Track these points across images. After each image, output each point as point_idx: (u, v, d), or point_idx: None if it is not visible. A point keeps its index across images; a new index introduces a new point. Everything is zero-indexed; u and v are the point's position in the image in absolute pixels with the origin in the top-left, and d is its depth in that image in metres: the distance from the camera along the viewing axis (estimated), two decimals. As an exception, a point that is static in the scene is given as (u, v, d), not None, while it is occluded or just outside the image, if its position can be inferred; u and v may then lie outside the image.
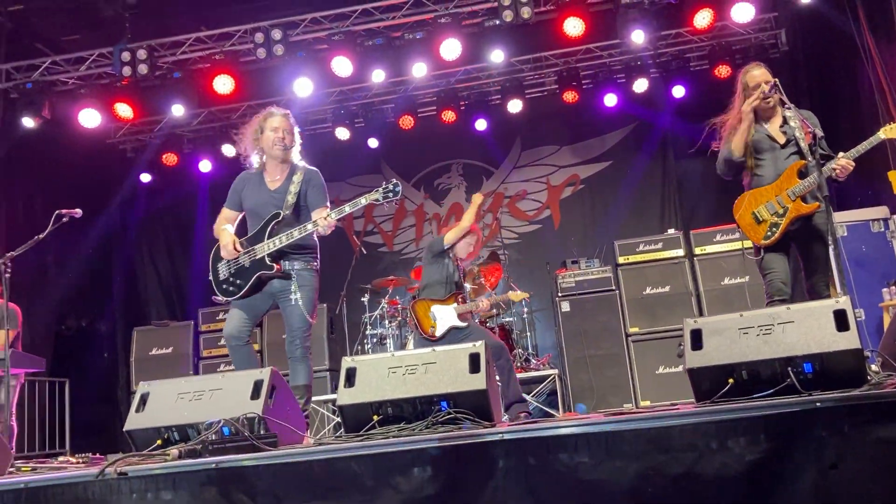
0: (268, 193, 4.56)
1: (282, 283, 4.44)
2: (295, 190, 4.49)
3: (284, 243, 4.38)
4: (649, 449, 2.67)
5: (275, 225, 4.46)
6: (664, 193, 9.95)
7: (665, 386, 7.70)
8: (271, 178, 4.61)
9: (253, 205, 4.59)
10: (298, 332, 4.44)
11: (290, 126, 4.60)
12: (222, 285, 4.53)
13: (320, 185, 4.63)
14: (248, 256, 4.45)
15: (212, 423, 3.26)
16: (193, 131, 10.29)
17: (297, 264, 4.46)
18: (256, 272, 4.42)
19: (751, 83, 4.59)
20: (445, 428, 3.26)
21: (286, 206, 4.45)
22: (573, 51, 9.38)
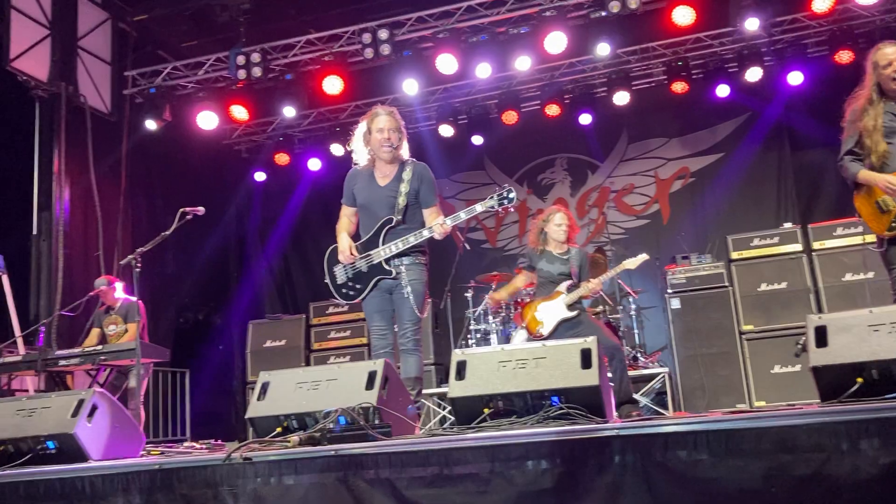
0: (378, 190, 4.62)
1: (393, 281, 4.54)
2: (405, 189, 4.53)
3: (400, 249, 4.47)
4: (773, 448, 2.57)
5: (388, 230, 4.53)
6: (780, 185, 9.54)
7: (781, 386, 7.40)
8: (381, 175, 4.65)
9: (364, 201, 4.65)
10: (409, 326, 4.52)
11: (396, 124, 4.62)
12: (341, 289, 4.65)
13: (431, 181, 4.67)
14: (365, 261, 4.55)
15: (329, 412, 3.36)
16: (304, 131, 10.62)
17: (407, 260, 4.52)
18: (375, 277, 4.54)
19: (881, 62, 4.30)
20: (557, 423, 3.25)
21: (397, 211, 4.51)
22: (682, 40, 9.12)
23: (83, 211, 8.33)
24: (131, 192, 9.06)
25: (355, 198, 4.72)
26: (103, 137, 8.68)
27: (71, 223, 8.09)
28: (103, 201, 8.42)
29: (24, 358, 6.14)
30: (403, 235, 4.49)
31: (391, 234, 4.52)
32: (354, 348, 9.12)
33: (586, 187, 10.47)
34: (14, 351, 6.68)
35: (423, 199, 4.61)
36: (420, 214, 4.61)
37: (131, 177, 9.05)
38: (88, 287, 7.42)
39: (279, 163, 10.55)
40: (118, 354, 5.93)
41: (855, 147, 4.37)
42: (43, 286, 7.75)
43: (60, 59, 8.23)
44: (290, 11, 9.25)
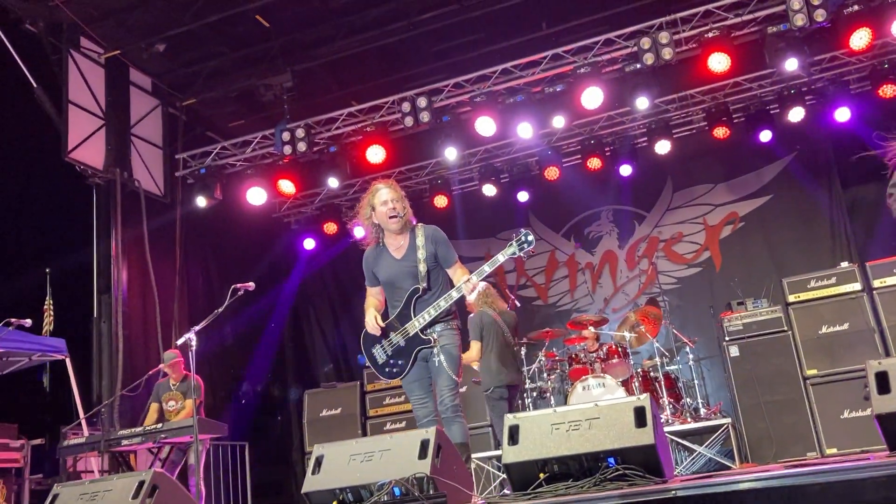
0: (397, 264, 4.57)
1: (428, 349, 4.49)
2: (423, 256, 4.49)
3: (434, 316, 4.42)
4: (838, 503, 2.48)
5: (417, 300, 4.48)
6: (833, 224, 9.33)
7: (853, 432, 7.11)
8: (394, 248, 4.61)
9: (386, 277, 4.61)
10: (447, 392, 4.43)
11: (398, 195, 4.58)
12: (384, 369, 4.59)
13: (445, 240, 4.61)
14: (401, 336, 4.51)
15: (383, 484, 3.35)
16: (350, 200, 10.82)
17: (438, 327, 4.47)
18: (415, 349, 4.49)
19: None
20: (614, 485, 3.18)
21: (421, 279, 4.47)
22: (720, 85, 9.10)
23: (141, 292, 8.58)
24: (186, 270, 9.31)
25: (377, 277, 4.69)
26: (157, 219, 9.00)
27: (129, 304, 8.33)
28: (159, 281, 8.66)
29: (87, 440, 6.29)
30: (432, 302, 4.46)
31: (420, 303, 4.48)
32: (410, 413, 9.06)
33: (634, 238, 10.39)
34: (79, 433, 6.84)
35: (442, 260, 4.56)
36: (443, 276, 4.57)
37: (185, 255, 9.32)
38: (148, 366, 7.59)
39: (328, 232, 10.74)
40: (177, 432, 6.03)
41: None
42: (104, 367, 7.95)
43: (115, 147, 8.61)
44: (332, 86, 9.56)
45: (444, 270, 4.56)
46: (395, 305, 4.59)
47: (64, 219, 8.60)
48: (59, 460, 6.45)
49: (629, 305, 9.97)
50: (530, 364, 8.29)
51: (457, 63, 8.84)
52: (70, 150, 8.08)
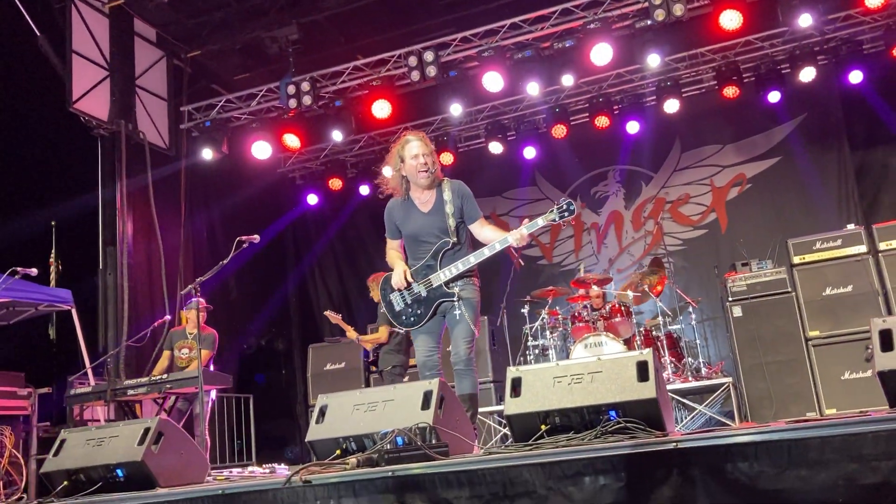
0: (424, 217, 4.55)
1: (449, 302, 4.47)
2: (451, 211, 4.46)
3: (462, 269, 4.40)
4: (838, 457, 2.50)
5: (446, 252, 4.46)
6: (840, 187, 9.28)
7: (853, 393, 7.14)
8: (421, 202, 4.58)
9: (412, 231, 4.58)
10: (463, 345, 4.44)
11: (429, 149, 4.54)
12: (400, 316, 4.57)
13: (470, 195, 4.57)
14: (424, 286, 4.47)
15: (386, 434, 3.38)
16: (356, 156, 10.78)
17: (461, 282, 4.46)
18: (436, 300, 4.46)
19: None
20: (615, 437, 3.20)
21: (451, 233, 4.45)
22: (731, 44, 8.98)
23: (145, 244, 8.60)
24: (191, 223, 9.31)
25: (399, 230, 4.66)
26: (162, 171, 8.98)
27: (134, 256, 8.36)
28: (164, 233, 8.68)
29: (93, 389, 6.35)
30: (459, 256, 4.45)
31: (447, 256, 4.46)
32: (413, 368, 9.13)
33: (641, 199, 10.35)
34: (85, 382, 6.91)
35: (468, 215, 4.52)
36: (467, 231, 4.55)
37: (190, 208, 9.32)
38: (154, 317, 7.65)
39: (333, 188, 10.72)
40: (182, 382, 6.08)
41: None
42: (110, 318, 8.01)
43: (119, 98, 8.55)
44: (338, 39, 9.44)
45: (467, 226, 4.53)
46: (419, 258, 4.56)
47: (69, 170, 8.58)
48: (65, 409, 6.52)
49: (634, 266, 9.97)
50: (533, 322, 8.33)
51: (465, 17, 8.72)
52: (74, 101, 8.04)
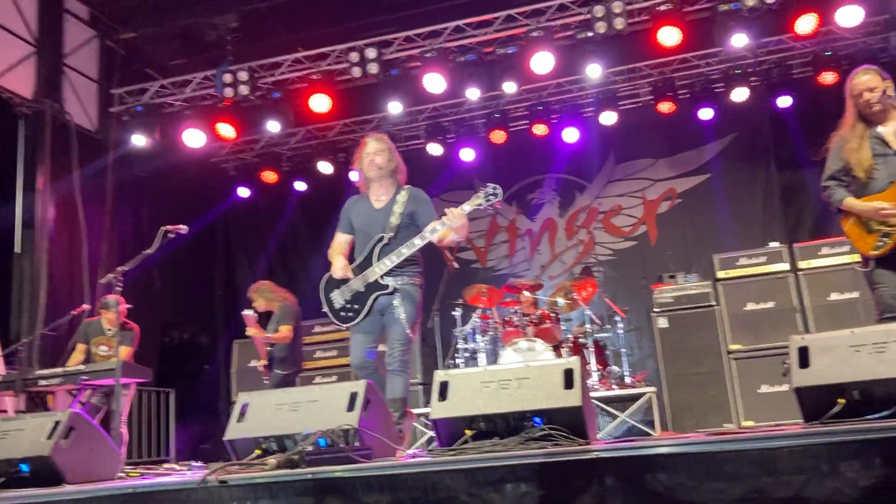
0: (373, 212, 4.68)
1: (387, 298, 4.53)
2: (399, 210, 4.58)
3: (395, 262, 4.49)
4: (754, 471, 2.55)
5: (381, 248, 4.56)
6: (766, 205, 9.57)
7: (769, 406, 7.39)
8: (376, 198, 4.73)
9: (360, 224, 4.71)
10: (398, 346, 4.49)
11: (381, 148, 4.70)
12: (340, 313, 4.65)
13: (428, 201, 4.72)
14: (361, 281, 4.56)
15: (308, 435, 3.31)
16: (292, 149, 10.61)
17: (401, 280, 4.54)
18: (372, 294, 4.53)
19: (854, 91, 4.37)
20: (539, 444, 3.21)
21: (389, 228, 4.56)
22: (669, 61, 9.18)
23: (68, 229, 8.26)
24: (117, 210, 9.00)
25: (352, 224, 4.77)
26: (89, 155, 8.64)
27: (55, 241, 8.03)
28: (88, 219, 8.36)
29: (3, 378, 6.06)
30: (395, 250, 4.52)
31: (384, 251, 4.54)
32: (340, 368, 9.05)
33: (574, 208, 10.48)
34: (-6, 371, 6.60)
35: (420, 220, 4.61)
36: (413, 236, 4.58)
37: (117, 195, 9.00)
38: (72, 306, 7.36)
39: (266, 181, 10.52)
40: (100, 374, 5.86)
41: (839, 173, 4.40)
42: (25, 305, 7.67)
43: (46, 76, 8.21)
44: (278, 30, 9.27)
45: (416, 231, 4.57)
46: (360, 252, 4.66)
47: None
48: (-28, 399, 6.22)
49: (565, 273, 10.09)
50: (464, 325, 8.34)
51: (409, 17, 8.66)
52: (-4, 76, 7.68)
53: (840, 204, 4.37)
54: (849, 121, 4.42)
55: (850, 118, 4.41)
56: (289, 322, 7.12)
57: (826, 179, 4.46)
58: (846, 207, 4.35)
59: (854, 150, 4.31)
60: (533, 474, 2.73)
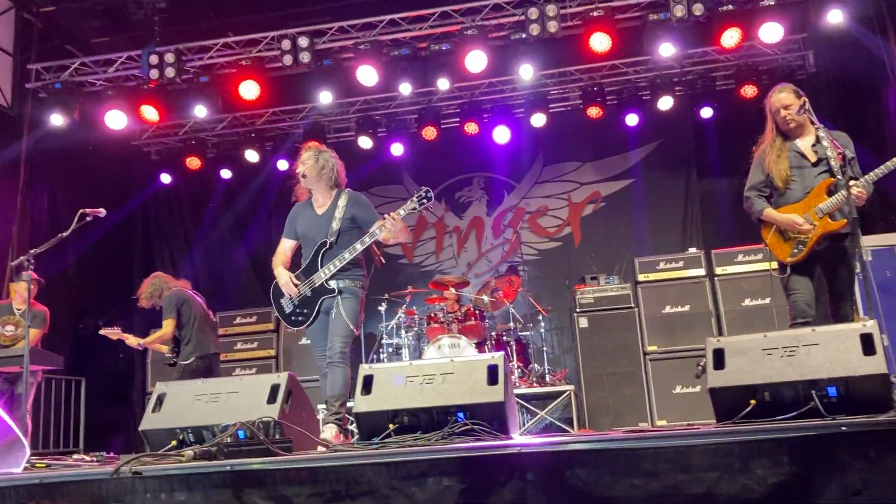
0: (316, 218, 4.89)
1: (332, 300, 4.73)
2: (340, 215, 4.79)
3: (339, 266, 4.70)
4: (669, 468, 2.62)
5: (324, 253, 4.76)
6: (686, 212, 9.86)
7: (682, 406, 7.62)
8: (318, 204, 4.95)
9: (303, 229, 4.93)
10: (338, 339, 4.64)
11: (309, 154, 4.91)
12: (290, 318, 4.87)
13: (366, 203, 4.95)
14: (307, 286, 4.78)
15: (227, 426, 3.25)
16: (218, 136, 10.37)
17: (344, 283, 4.74)
18: (319, 298, 4.75)
19: (772, 108, 4.59)
20: (461, 439, 3.23)
21: (331, 234, 4.77)
22: (598, 66, 9.36)
23: (-25, 208, 7.88)
24: (30, 190, 8.61)
25: (296, 230, 4.98)
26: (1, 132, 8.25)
27: (-39, 220, 7.64)
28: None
29: None
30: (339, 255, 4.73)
31: (327, 255, 4.75)
32: (262, 360, 8.91)
33: (502, 207, 10.57)
34: None
35: (362, 222, 4.82)
36: (356, 239, 4.78)
37: (31, 174, 8.62)
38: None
39: (190, 167, 10.24)
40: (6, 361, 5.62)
41: (760, 184, 4.62)
42: (-74, 286, 7.28)
43: (-45, 46, 7.80)
44: (208, 13, 9.02)
45: (359, 234, 4.79)
46: (306, 257, 4.87)
47: None
48: None
49: (491, 272, 10.17)
50: (389, 320, 8.32)
51: (344, 7, 8.57)
52: None
53: (760, 214, 4.59)
54: (769, 136, 4.64)
55: (770, 133, 4.63)
56: (168, 315, 6.73)
57: (748, 190, 4.71)
58: (766, 218, 4.57)
59: (774, 163, 4.53)
60: (455, 468, 2.74)
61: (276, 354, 8.81)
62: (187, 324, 6.75)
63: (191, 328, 6.75)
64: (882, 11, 7.47)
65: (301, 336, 8.80)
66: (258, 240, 10.73)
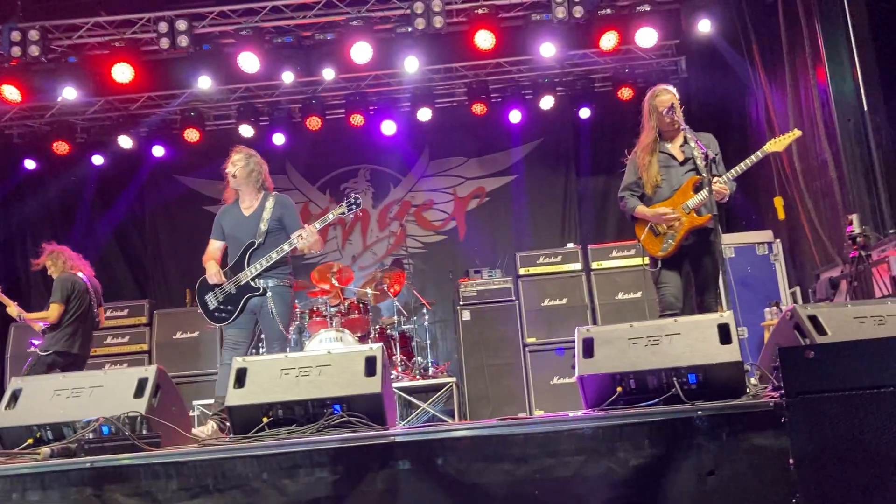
0: (243, 219, 5.09)
1: (260, 299, 4.93)
2: (267, 216, 5.01)
3: (265, 266, 4.90)
4: (538, 453, 2.70)
5: (251, 253, 4.97)
6: (565, 209, 10.16)
7: (559, 396, 7.85)
8: (246, 206, 5.14)
9: (230, 230, 5.12)
10: (276, 345, 4.92)
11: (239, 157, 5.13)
12: (213, 314, 5.02)
13: (292, 207, 5.19)
14: (233, 284, 4.97)
15: (89, 422, 3.10)
16: (89, 119, 9.84)
17: (272, 281, 4.95)
18: (244, 295, 4.95)
19: (660, 108, 4.78)
20: (337, 431, 3.21)
21: (259, 234, 4.98)
22: (483, 63, 9.48)
23: None
24: None
25: (223, 231, 5.16)
26: None
27: None
28: None
29: None
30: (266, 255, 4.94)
31: (254, 255, 4.96)
32: (133, 355, 8.54)
33: (388, 200, 10.56)
34: None
35: (287, 225, 5.05)
36: (282, 240, 5.00)
37: None
38: None
39: (58, 152, 9.66)
40: None
41: (633, 184, 4.87)
42: None
43: None
44: (79, -10, 8.56)
45: (286, 235, 5.01)
46: (233, 257, 5.05)
47: None
48: None
49: (376, 264, 10.15)
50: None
51: (226, -9, 8.32)
52: None
53: (633, 212, 4.84)
54: (645, 138, 4.85)
55: (649, 133, 4.83)
56: (57, 298, 6.35)
57: (623, 190, 4.99)
58: (638, 214, 4.81)
59: (646, 167, 4.76)
60: (328, 460, 2.72)
61: (150, 349, 8.47)
62: (67, 315, 6.40)
63: (68, 320, 6.40)
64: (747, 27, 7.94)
65: (177, 330, 8.51)
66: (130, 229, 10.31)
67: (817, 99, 6.89)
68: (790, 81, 7.36)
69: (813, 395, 2.21)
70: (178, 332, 8.45)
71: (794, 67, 7.28)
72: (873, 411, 2.17)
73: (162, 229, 10.30)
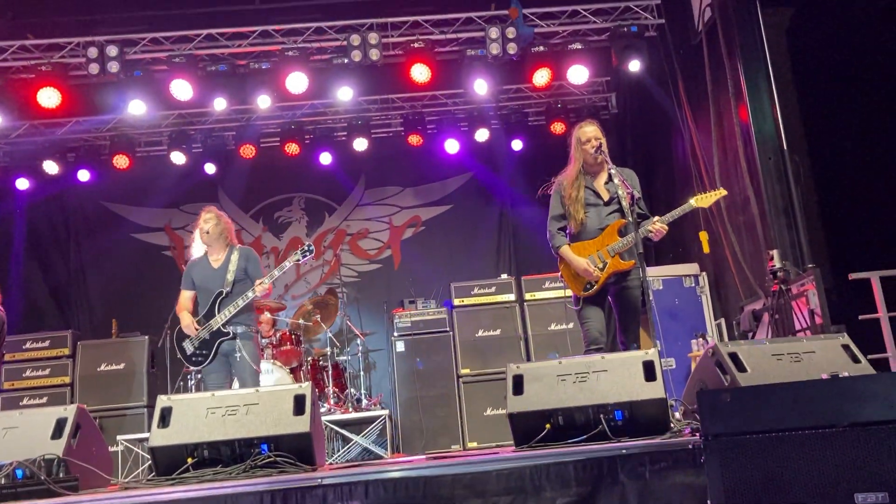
0: (212, 271, 5.59)
1: (230, 343, 5.43)
2: (233, 268, 5.53)
3: (233, 313, 5.42)
4: (466, 493, 2.71)
5: (221, 301, 5.47)
6: (499, 240, 10.28)
7: (492, 428, 7.85)
8: (214, 259, 5.65)
9: (200, 281, 5.60)
10: (250, 382, 5.29)
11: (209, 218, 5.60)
12: (191, 358, 5.52)
13: (256, 259, 5.74)
14: (206, 330, 5.46)
15: (2, 466, 2.98)
16: (12, 144, 9.54)
17: (240, 328, 5.45)
18: (216, 340, 5.45)
19: (583, 138, 4.85)
20: (264, 472, 3.16)
21: (226, 284, 5.50)
22: (420, 95, 9.58)
23: None
24: None
25: (193, 282, 5.63)
26: None
27: None
28: None
29: None
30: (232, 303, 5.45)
31: (223, 303, 5.47)
32: (54, 388, 8.20)
33: (323, 228, 10.51)
34: None
35: (251, 275, 5.59)
36: (248, 287, 5.49)
37: None
38: None
39: (-22, 176, 9.35)
40: None
41: (559, 217, 4.91)
42: None
43: None
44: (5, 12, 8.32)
45: (251, 283, 5.52)
46: (203, 306, 5.55)
47: None
48: None
49: (309, 293, 10.06)
50: (199, 345, 7.97)
51: (157, 17, 8.20)
52: None
53: (558, 251, 4.85)
54: (571, 171, 4.90)
55: (574, 165, 4.89)
56: None
57: (550, 223, 4.97)
58: (563, 256, 4.83)
59: (572, 202, 4.80)
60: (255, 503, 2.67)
61: (72, 382, 8.15)
62: None
63: None
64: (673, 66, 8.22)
65: (102, 362, 8.23)
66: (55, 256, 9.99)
67: (740, 137, 7.12)
68: (714, 119, 7.62)
69: (729, 437, 2.29)
70: (104, 363, 8.18)
71: (719, 106, 7.53)
72: (787, 453, 2.25)
73: (87, 256, 10.01)
